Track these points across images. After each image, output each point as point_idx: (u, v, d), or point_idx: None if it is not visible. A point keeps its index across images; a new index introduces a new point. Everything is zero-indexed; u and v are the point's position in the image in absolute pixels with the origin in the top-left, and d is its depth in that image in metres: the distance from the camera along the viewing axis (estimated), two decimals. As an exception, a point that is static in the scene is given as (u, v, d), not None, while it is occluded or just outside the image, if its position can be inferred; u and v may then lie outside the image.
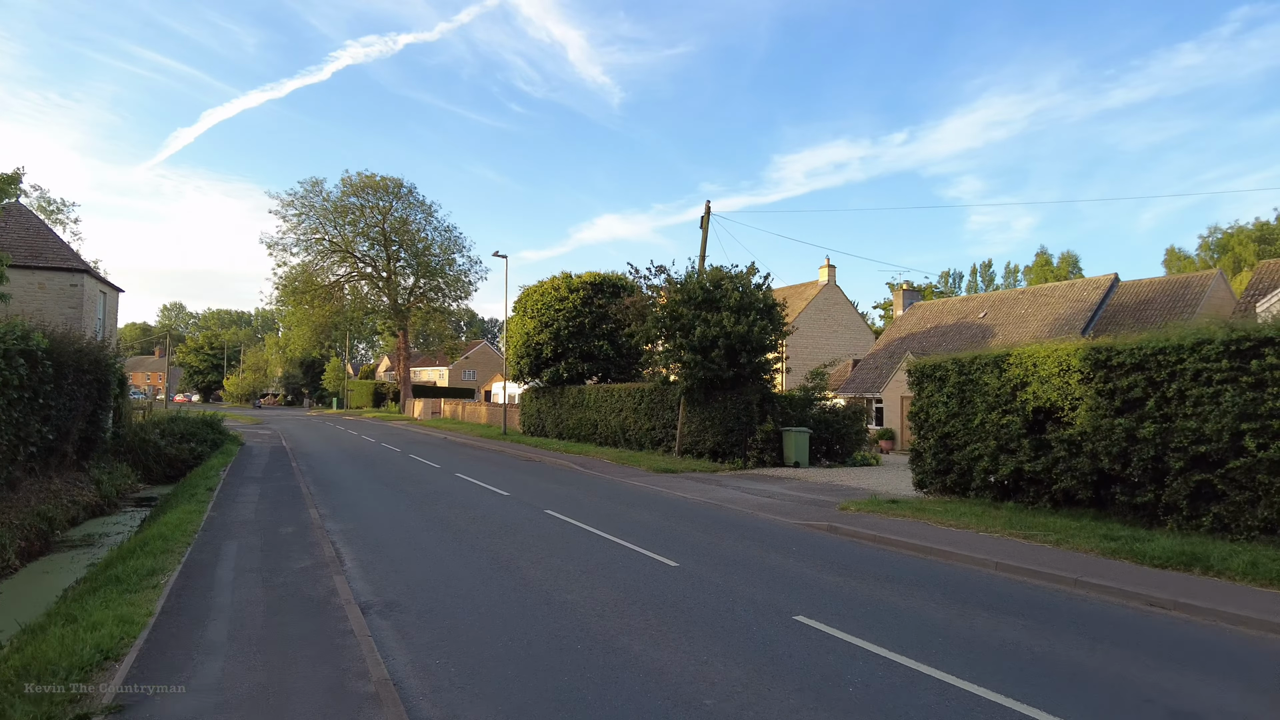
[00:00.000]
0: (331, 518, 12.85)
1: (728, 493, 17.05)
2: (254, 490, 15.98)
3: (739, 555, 10.23)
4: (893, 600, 7.99)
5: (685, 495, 16.59)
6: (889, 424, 34.60)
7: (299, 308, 64.45)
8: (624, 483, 19.04)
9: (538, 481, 18.92)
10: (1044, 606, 7.89)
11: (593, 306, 33.23)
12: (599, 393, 30.20)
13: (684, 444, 24.46)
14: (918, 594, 8.28)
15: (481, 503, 14.80)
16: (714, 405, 23.53)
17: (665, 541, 11.06)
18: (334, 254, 65.82)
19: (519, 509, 14.03)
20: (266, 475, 19.05)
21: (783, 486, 18.44)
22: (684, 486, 18.12)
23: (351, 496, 15.71)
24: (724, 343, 22.19)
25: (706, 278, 23.43)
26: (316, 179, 65.82)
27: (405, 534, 11.37)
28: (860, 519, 13.20)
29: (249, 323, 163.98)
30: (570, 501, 15.25)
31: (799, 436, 23.12)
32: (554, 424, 34.07)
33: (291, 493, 15.72)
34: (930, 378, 15.61)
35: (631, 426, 27.66)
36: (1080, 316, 31.58)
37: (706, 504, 15.42)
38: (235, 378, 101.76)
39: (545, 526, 12.16)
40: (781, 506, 15.02)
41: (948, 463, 15.18)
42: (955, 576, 9.26)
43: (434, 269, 67.57)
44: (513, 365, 35.50)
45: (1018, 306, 35.25)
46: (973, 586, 8.74)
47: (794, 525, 12.99)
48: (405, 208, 67.18)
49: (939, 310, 39.98)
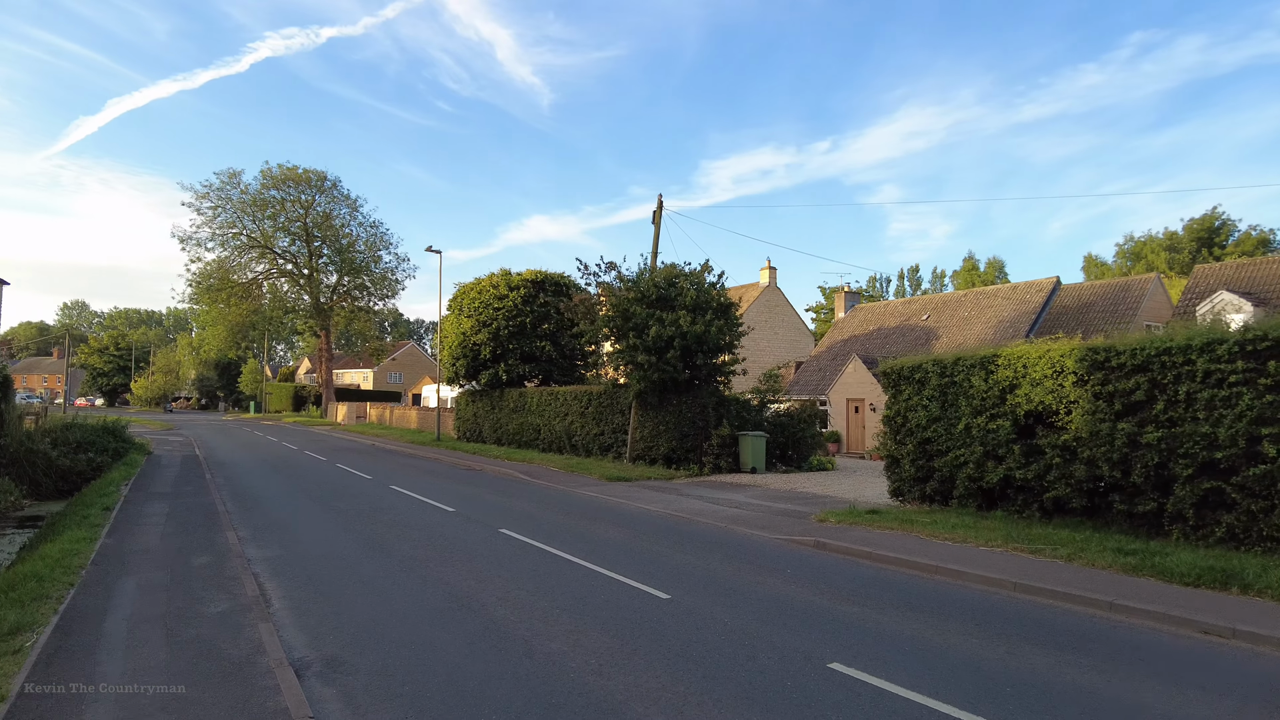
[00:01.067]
0: (253, 542, 11.10)
1: (692, 503, 15.88)
2: (161, 509, 13.99)
3: (733, 581, 9.02)
4: (929, 637, 6.90)
5: (648, 507, 15.34)
6: (834, 426, 34.09)
7: (214, 306, 60.58)
8: (577, 493, 17.67)
9: (483, 494, 17.37)
10: (1094, 638, 6.93)
11: (534, 305, 31.68)
12: (542, 396, 28.68)
13: (636, 450, 23.21)
14: (951, 627, 7.22)
15: (425, 521, 13.22)
16: (668, 409, 22.36)
17: (644, 565, 9.78)
18: (252, 249, 62.16)
19: (470, 528, 12.53)
20: (176, 490, 16.95)
21: (746, 495, 17.39)
22: (643, 497, 16.87)
23: (275, 514, 13.89)
24: (680, 343, 21.05)
25: (661, 275, 22.26)
26: (234, 170, 62.23)
27: (342, 562, 9.76)
28: (846, 533, 12.20)
29: (160, 322, 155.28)
30: (525, 517, 13.81)
31: (756, 441, 22.16)
32: (492, 429, 32.36)
33: (205, 511, 13.81)
34: (908, 380, 14.77)
35: (578, 432, 26.25)
36: (1024, 319, 31.68)
37: (674, 517, 14.20)
38: (144, 380, 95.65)
39: (503, 549, 10.72)
40: (754, 519, 13.92)
41: (928, 470, 14.35)
42: (978, 602, 8.26)
43: (359, 266, 64.55)
44: (447, 367, 33.62)
45: (961, 309, 35.28)
46: (1004, 614, 7.74)
47: (777, 541, 11.88)
48: (329, 202, 64.06)
49: (881, 312, 39.84)
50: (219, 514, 13.35)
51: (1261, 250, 64.65)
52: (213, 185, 59.34)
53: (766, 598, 8.24)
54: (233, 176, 60.32)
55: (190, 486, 17.48)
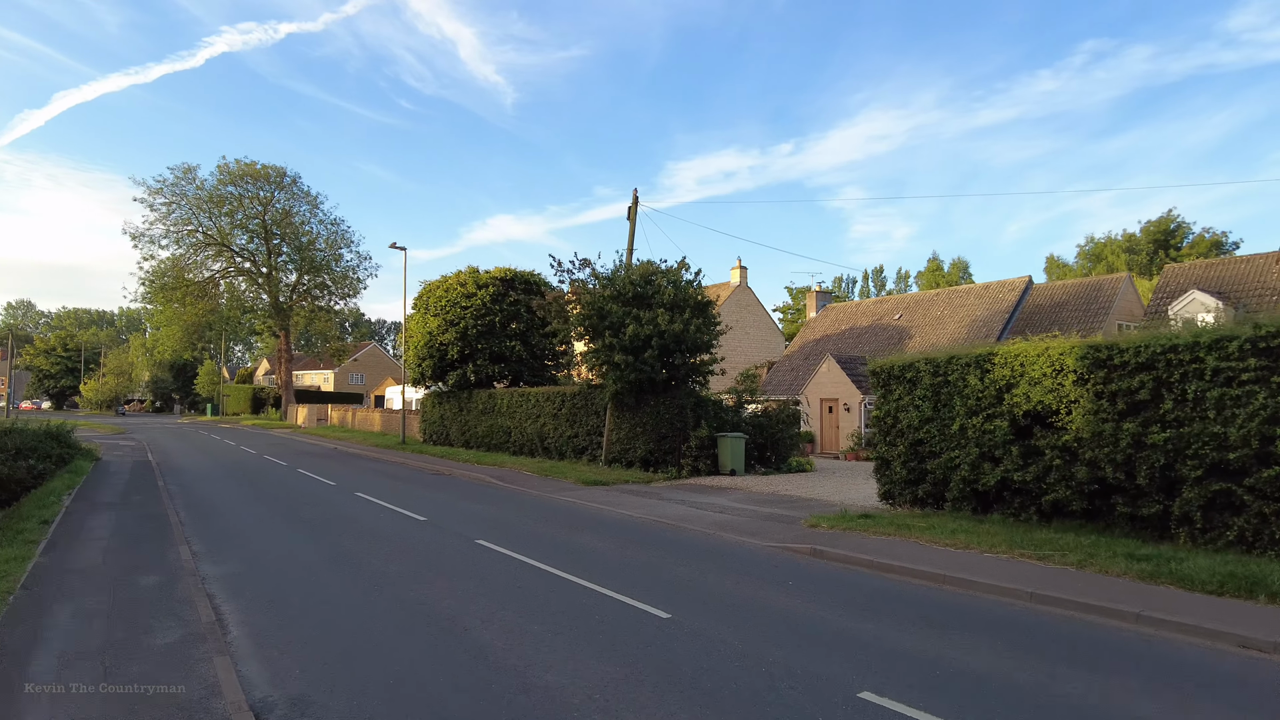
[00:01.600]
0: (209, 557, 10.19)
1: (675, 508, 15.26)
2: (106, 521, 12.96)
3: (734, 596, 8.40)
4: (959, 658, 6.34)
5: (630, 513, 14.68)
6: (809, 427, 33.73)
7: (168, 306, 58.43)
8: (554, 499, 16.93)
9: (455, 500, 16.56)
10: (1131, 656, 6.44)
11: (504, 304, 30.82)
12: (513, 397, 27.85)
13: (612, 452, 22.52)
14: (979, 645, 6.68)
15: (396, 531, 12.40)
16: (645, 410, 21.71)
17: (637, 580, 9.11)
18: (208, 247, 60.18)
19: (444, 539, 11.74)
20: (125, 499, 15.86)
21: (729, 499, 16.82)
22: (623, 502, 16.21)
23: (233, 525, 12.95)
24: (657, 342, 20.42)
25: (637, 273, 21.60)
26: (189, 165, 59.77)
27: (307, 580, 8.93)
28: (841, 539, 11.65)
29: (111, 323, 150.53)
30: (501, 526, 13.06)
31: (735, 442, 21.61)
32: (460, 432, 31.41)
33: (156, 522, 12.81)
34: (899, 379, 14.31)
35: (551, 434, 25.48)
36: (997, 318, 31.65)
37: (658, 524, 13.55)
38: (94, 382, 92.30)
39: (484, 564, 9.97)
40: (743, 525, 13.34)
41: (920, 472, 13.89)
42: (998, 615, 7.75)
43: (319, 265, 62.84)
44: (413, 368, 32.59)
45: (933, 308, 35.19)
46: (1029, 629, 7.23)
47: (771, 549, 11.29)
48: (289, 199, 62.27)
49: (853, 312, 39.66)
50: (171, 525, 12.39)
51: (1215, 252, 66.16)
52: (167, 180, 57.35)
53: (774, 615, 7.63)
54: (188, 172, 58.33)
55: (141, 495, 16.39)
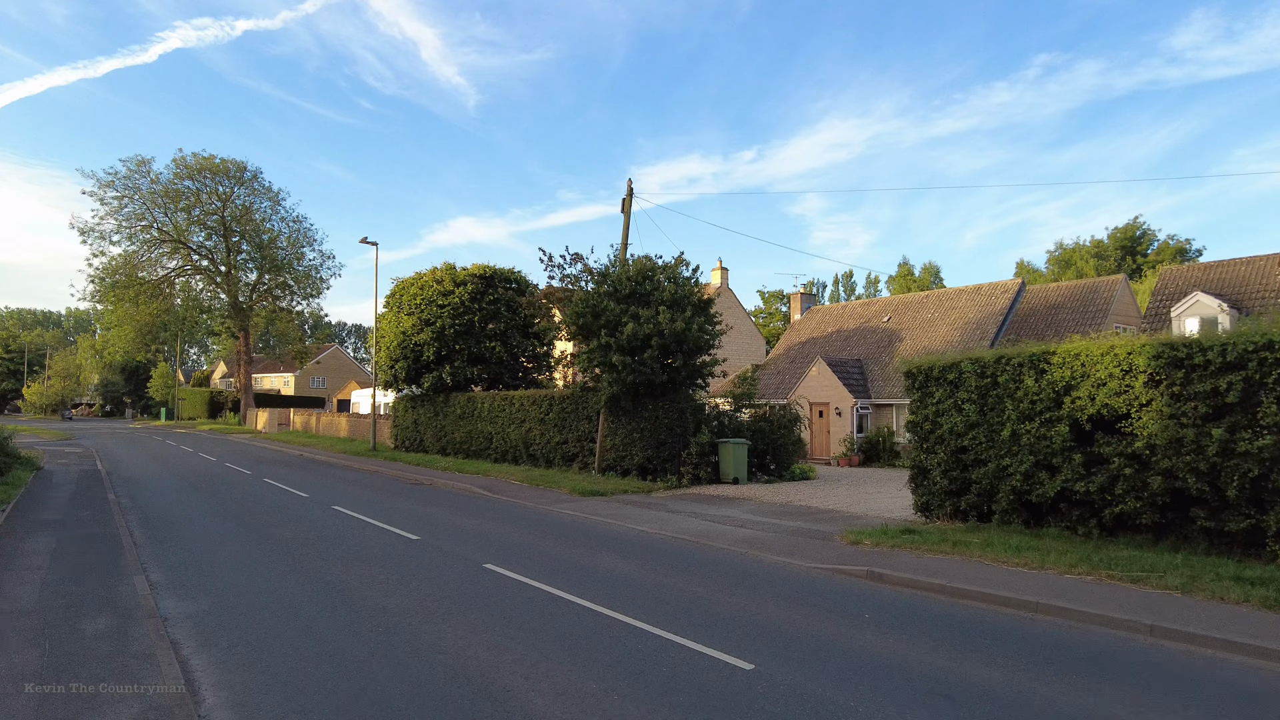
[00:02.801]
0: (171, 590, 8.58)
1: (690, 523, 13.93)
2: (46, 544, 11.20)
3: (814, 636, 7.07)
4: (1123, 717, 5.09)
5: (642, 529, 13.30)
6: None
7: (119, 305, 55.44)
8: (553, 512, 15.49)
9: (445, 515, 15.02)
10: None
11: (483, 302, 29.20)
12: (495, 401, 26.26)
13: (606, 460, 21.10)
14: (1145, 705, 5.43)
15: (388, 553, 10.86)
16: (643, 415, 20.33)
17: (688, 615, 7.74)
18: (163, 244, 57.32)
19: (446, 563, 10.25)
20: (70, 515, 14.04)
21: (742, 511, 15.55)
22: (630, 515, 14.83)
23: (197, 547, 11.29)
24: (657, 342, 19.07)
25: (635, 268, 20.25)
26: (143, 158, 56.83)
27: (294, 622, 7.40)
28: (894, 559, 10.42)
29: (58, 324, 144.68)
30: (506, 546, 11.59)
31: (738, 449, 20.35)
32: (436, 438, 29.69)
33: (106, 544, 11.10)
34: (939, 381, 13.14)
35: (538, 440, 23.96)
36: (991, 320, 30.90)
37: (681, 541, 12.19)
38: (39, 385, 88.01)
39: (500, 594, 8.52)
40: (772, 541, 12.05)
41: (963, 481, 12.73)
42: (1136, 658, 6.52)
43: (280, 264, 60.25)
44: (385, 370, 30.78)
45: (923, 311, 34.39)
46: (1188, 679, 6.01)
47: (820, 572, 10.00)
48: (249, 195, 59.67)
49: (839, 314, 38.77)
50: (124, 548, 10.69)
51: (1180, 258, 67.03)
52: (118, 173, 54.41)
53: (872, 662, 6.32)
54: (141, 164, 55.47)
55: (88, 510, 14.56)
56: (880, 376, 32.30)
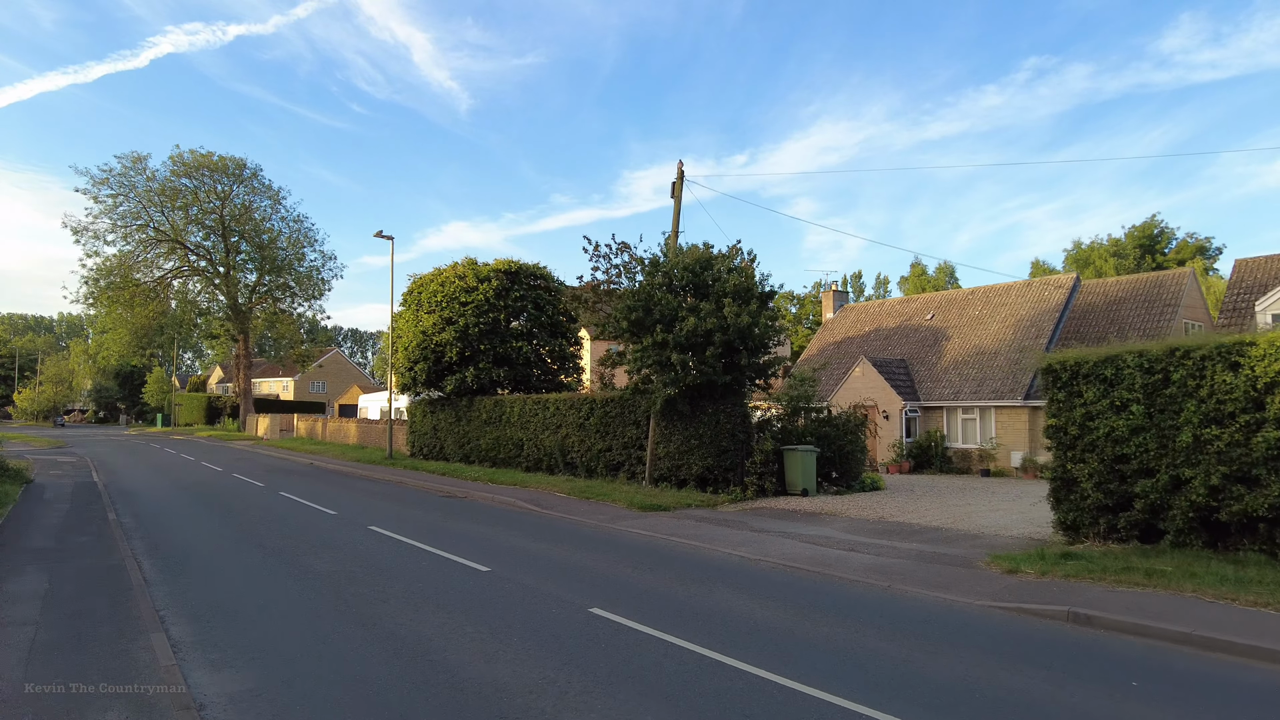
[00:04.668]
0: (200, 654, 6.54)
1: (788, 545, 11.97)
2: (36, 582, 9.17)
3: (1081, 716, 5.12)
4: None
5: (740, 554, 11.34)
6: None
7: (114, 308, 53.21)
8: (622, 532, 13.51)
9: (504, 536, 13.01)
10: None
11: (508, 299, 27.20)
12: (527, 405, 24.23)
13: (659, 469, 19.09)
14: None
15: (461, 592, 8.86)
16: (702, 419, 18.34)
17: (891, 682, 5.76)
18: (160, 244, 55.14)
19: (540, 606, 8.25)
20: (64, 541, 12.00)
21: (836, 529, 13.60)
22: (712, 536, 12.86)
23: (221, 584, 9.27)
24: (721, 338, 17.11)
25: (691, 257, 18.27)
26: (138, 154, 54.64)
27: (382, 713, 5.38)
28: (1082, 593, 8.47)
29: (50, 328, 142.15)
30: (602, 581, 9.59)
31: (806, 457, 18.40)
32: (458, 444, 27.63)
33: (110, 583, 9.07)
34: (1091, 378, 11.19)
35: (576, 447, 21.95)
36: (1046, 317, 29.06)
37: (796, 571, 10.22)
38: (30, 391, 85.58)
39: (634, 655, 6.52)
40: (907, 570, 10.11)
41: (1123, 495, 10.78)
42: None
43: (281, 265, 58.15)
44: (403, 373, 28.71)
45: (969, 308, 32.51)
46: None
47: (1002, 613, 8.04)
48: (248, 193, 57.56)
49: (876, 312, 36.88)
50: (133, 589, 8.66)
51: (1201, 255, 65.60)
52: (113, 170, 52.19)
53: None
54: (137, 161, 53.29)
55: (86, 534, 12.51)
56: (928, 377, 30.43)
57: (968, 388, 28.73)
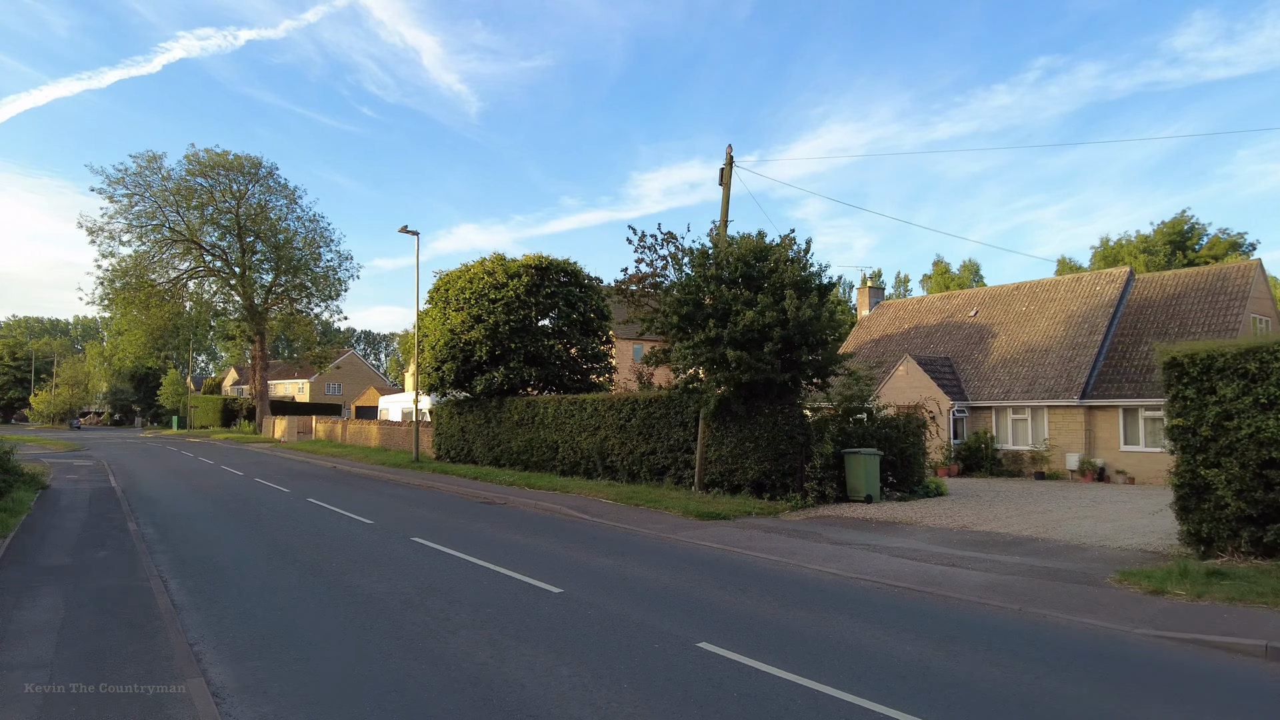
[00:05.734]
0: (251, 704, 5.41)
1: (877, 560, 10.77)
2: (51, 609, 8.07)
3: None
4: None
5: (829, 571, 10.15)
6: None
7: (129, 310, 52.43)
8: (687, 544, 12.33)
9: (562, 550, 11.84)
10: None
11: (539, 296, 26.09)
12: (562, 405, 23.08)
13: (710, 474, 17.90)
14: None
15: (540, 620, 7.70)
16: (757, 420, 17.14)
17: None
18: (175, 244, 54.35)
19: (635, 638, 7.08)
20: (82, 557, 10.93)
21: (920, 540, 12.40)
22: (790, 550, 11.67)
23: (260, 611, 8.14)
24: (780, 334, 15.91)
25: (747, 247, 17.07)
26: (154, 153, 53.89)
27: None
28: (1266, 622, 7.24)
29: (66, 331, 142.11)
30: (693, 606, 8.41)
31: (869, 461, 17.19)
32: (487, 447, 26.52)
33: (135, 609, 7.96)
34: (1228, 373, 9.93)
35: (616, 450, 20.77)
36: (1100, 312, 27.70)
37: (902, 591, 9.02)
38: (46, 394, 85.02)
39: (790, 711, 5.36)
40: (1027, 589, 8.91)
41: (1271, 505, 9.54)
42: None
43: (297, 264, 57.26)
44: (430, 373, 27.62)
45: (1015, 303, 31.17)
46: None
47: (1173, 644, 6.82)
48: (264, 192, 56.64)
49: (915, 309, 35.57)
50: (161, 615, 7.54)
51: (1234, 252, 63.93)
52: (128, 170, 51.38)
53: None
54: (152, 161, 52.47)
55: (106, 548, 11.43)
56: (975, 376, 29.15)
57: (1018, 387, 27.44)
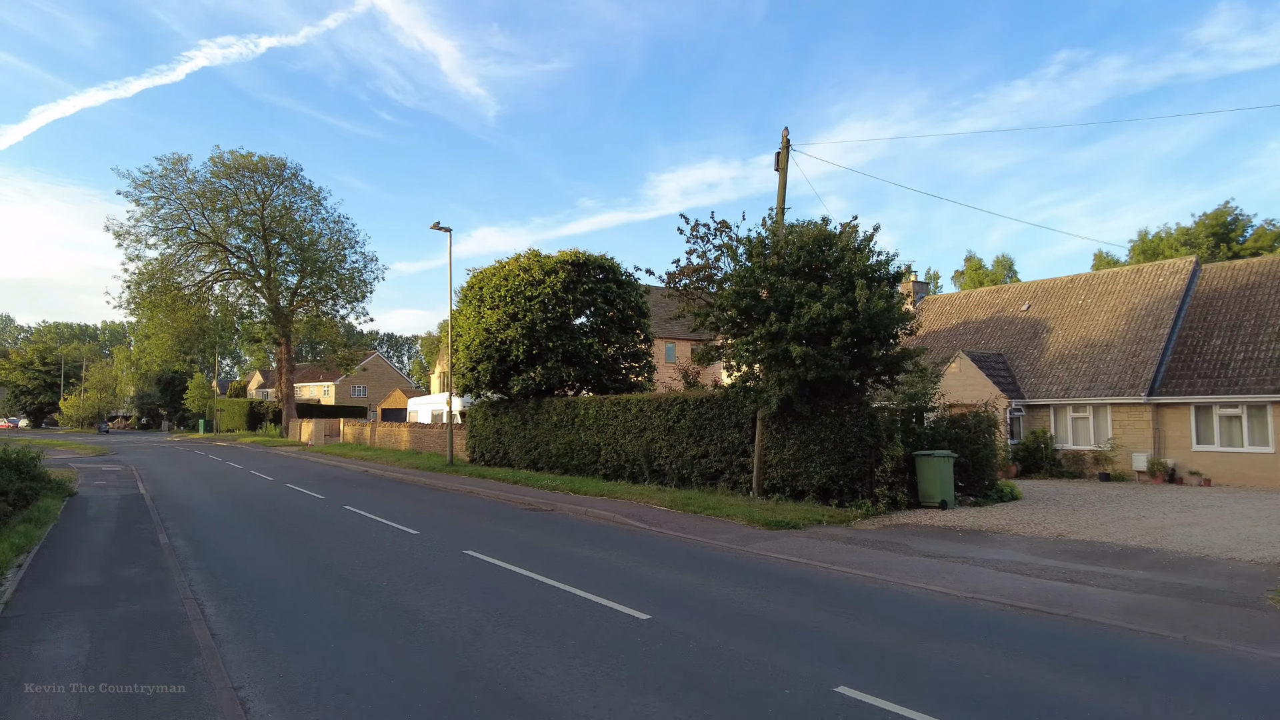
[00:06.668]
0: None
1: (981, 576, 9.64)
2: (74, 643, 7.12)
3: None
4: None
5: (938, 589, 9.02)
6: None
7: (155, 313, 52.22)
8: (762, 557, 11.23)
9: (629, 563, 10.78)
10: None
11: (577, 293, 25.08)
12: (604, 406, 22.03)
13: (771, 479, 16.77)
14: None
15: (631, 654, 6.64)
16: (823, 421, 15.99)
17: None
18: (201, 247, 54.08)
19: (759, 679, 5.99)
20: (110, 576, 10.00)
21: (1018, 552, 11.23)
22: (881, 564, 10.55)
23: (310, 643, 7.13)
24: (849, 327, 14.76)
25: (810, 235, 15.94)
26: (179, 156, 53.85)
27: None
28: None
29: (94, 336, 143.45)
30: (808, 638, 7.32)
31: (943, 465, 16.01)
32: (523, 450, 25.54)
33: (169, 642, 6.99)
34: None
35: (664, 453, 19.69)
36: (1164, 305, 26.28)
37: (1038, 615, 7.85)
38: (75, 398, 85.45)
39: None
40: (1176, 611, 7.77)
41: None
42: None
43: (323, 266, 56.81)
44: (464, 374, 26.68)
45: (1071, 296, 29.76)
46: None
47: None
48: (288, 194, 56.31)
49: (964, 304, 34.21)
50: (199, 652, 6.55)
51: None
52: (154, 172, 51.22)
53: None
54: (178, 163, 52.26)
55: (135, 565, 10.51)
56: (1030, 373, 27.81)
57: (1078, 384, 26.08)
